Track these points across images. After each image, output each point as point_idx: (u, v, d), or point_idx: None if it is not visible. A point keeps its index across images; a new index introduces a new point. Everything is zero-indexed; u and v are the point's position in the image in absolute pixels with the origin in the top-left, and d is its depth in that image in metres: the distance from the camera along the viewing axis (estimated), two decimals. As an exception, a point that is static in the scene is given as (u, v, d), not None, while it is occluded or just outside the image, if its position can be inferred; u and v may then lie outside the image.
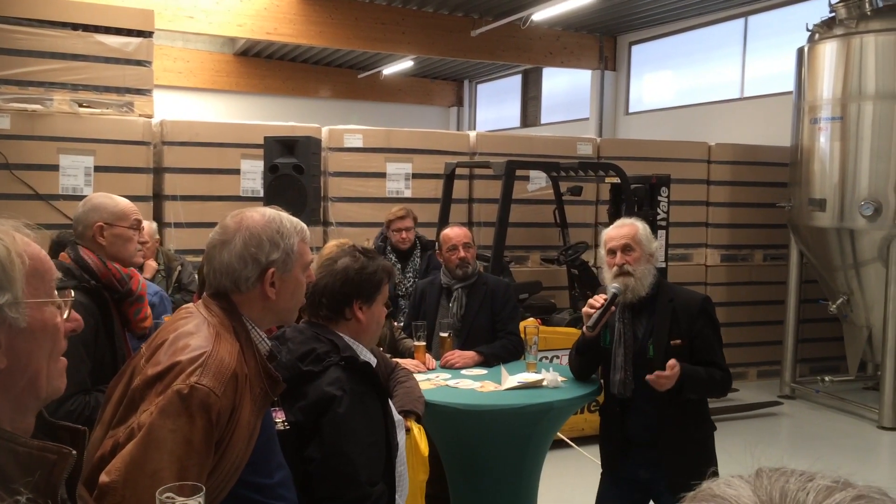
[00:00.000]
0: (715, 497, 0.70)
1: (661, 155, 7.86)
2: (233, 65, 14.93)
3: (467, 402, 3.21)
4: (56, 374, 1.12)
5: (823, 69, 6.99)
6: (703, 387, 3.07)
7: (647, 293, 3.12)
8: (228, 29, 10.13)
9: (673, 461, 3.04)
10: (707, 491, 0.72)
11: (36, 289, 1.08)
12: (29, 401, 1.09)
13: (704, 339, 3.10)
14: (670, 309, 3.10)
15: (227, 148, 6.49)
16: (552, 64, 12.76)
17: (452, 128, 17.14)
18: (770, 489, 0.69)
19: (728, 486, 0.71)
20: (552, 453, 3.78)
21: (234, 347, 1.71)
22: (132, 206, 2.84)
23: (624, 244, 3.13)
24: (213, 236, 1.84)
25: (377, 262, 2.32)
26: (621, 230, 3.18)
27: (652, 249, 3.17)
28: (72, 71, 6.02)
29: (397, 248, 5.38)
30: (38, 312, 1.08)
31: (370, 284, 2.27)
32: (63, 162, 5.94)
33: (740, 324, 8.09)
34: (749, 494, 0.69)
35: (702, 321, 3.12)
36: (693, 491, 0.73)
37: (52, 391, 1.12)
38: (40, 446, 1.05)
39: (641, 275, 3.10)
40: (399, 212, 5.45)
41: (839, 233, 6.89)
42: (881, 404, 6.68)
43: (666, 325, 3.07)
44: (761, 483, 0.70)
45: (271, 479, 1.78)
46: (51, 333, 1.11)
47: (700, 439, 3.14)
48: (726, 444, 3.42)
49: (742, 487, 0.70)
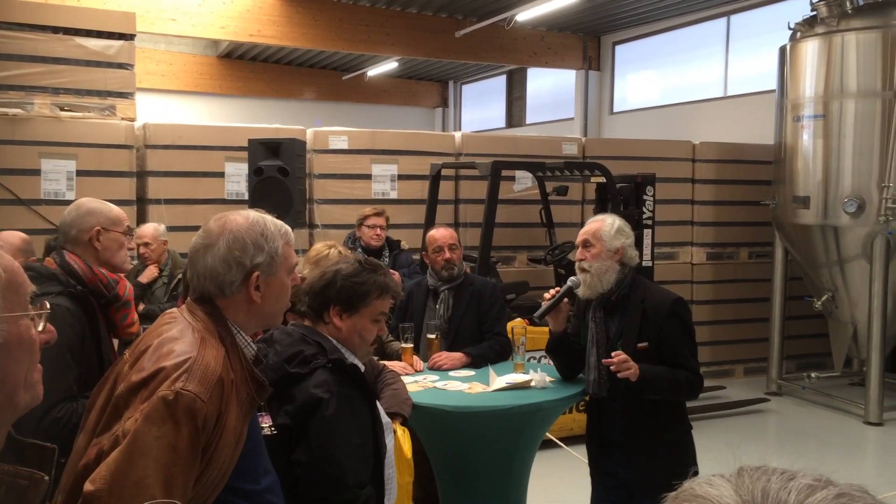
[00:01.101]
0: (697, 497, 0.70)
1: (646, 154, 7.88)
2: (216, 67, 14.85)
3: (455, 404, 3.20)
4: (32, 384, 1.10)
5: (805, 67, 7.03)
6: (665, 387, 3.02)
7: (620, 292, 3.12)
8: (211, 31, 10.07)
9: (643, 461, 3.06)
10: (689, 491, 0.71)
11: (11, 302, 1.05)
12: (6, 414, 1.06)
13: (672, 341, 3.06)
14: (641, 310, 3.09)
15: (210, 151, 6.45)
16: (536, 64, 12.78)
17: (437, 129, 17.14)
18: (752, 488, 0.69)
19: (710, 485, 0.71)
20: (541, 453, 3.77)
21: (220, 352, 1.69)
22: (124, 215, 2.83)
23: (583, 240, 3.17)
24: (196, 240, 1.82)
25: (375, 276, 2.29)
26: (587, 226, 3.23)
27: (616, 246, 3.12)
28: (53, 74, 5.97)
29: (368, 245, 5.40)
30: (14, 327, 1.05)
31: (352, 293, 2.25)
32: (45, 166, 5.89)
33: (726, 321, 8.13)
34: (731, 494, 0.69)
35: (671, 324, 3.06)
36: (673, 491, 0.73)
37: (30, 402, 1.09)
38: (12, 471, 1.02)
39: (598, 271, 3.11)
40: (374, 209, 5.53)
41: (823, 230, 6.93)
42: (867, 400, 6.73)
43: (636, 327, 3.06)
44: (743, 482, 0.70)
45: (258, 484, 1.76)
46: (27, 347, 1.08)
47: (672, 441, 3.12)
48: (713, 442, 3.44)
49: (724, 486, 0.70)
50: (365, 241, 5.41)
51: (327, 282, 2.24)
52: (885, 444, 6.34)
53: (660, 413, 3.09)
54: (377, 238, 5.41)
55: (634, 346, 3.04)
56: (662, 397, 3.05)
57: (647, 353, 3.03)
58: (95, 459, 1.54)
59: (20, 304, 1.08)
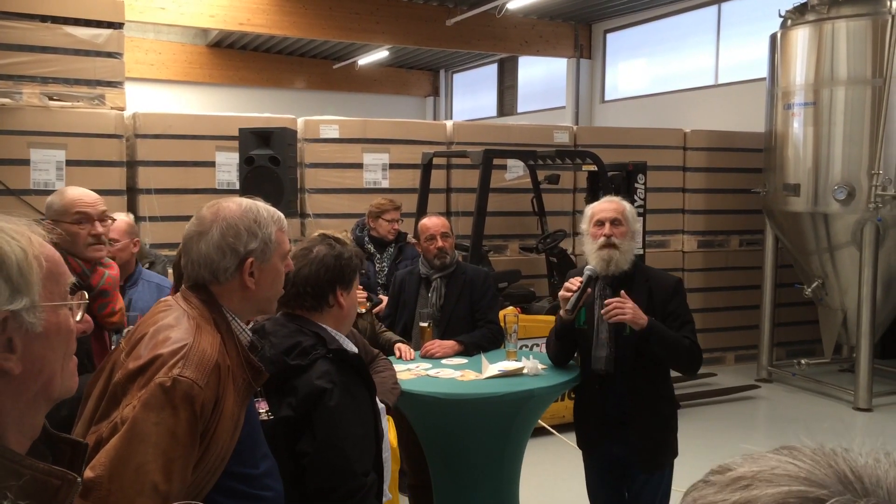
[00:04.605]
0: (784, 476, 0.61)
1: (638, 142, 7.89)
2: (206, 56, 14.77)
3: (448, 392, 3.21)
4: (68, 375, 1.10)
5: (796, 55, 7.04)
6: (671, 344, 3.08)
7: (631, 271, 3.20)
8: (200, 20, 10.02)
9: (641, 438, 3.13)
10: (765, 472, 0.62)
11: (51, 292, 1.06)
12: (41, 403, 1.07)
13: (677, 317, 3.17)
14: (647, 288, 3.18)
15: (201, 140, 6.42)
16: (528, 52, 12.77)
17: (429, 118, 17.10)
18: (836, 466, 0.61)
19: (791, 459, 0.62)
20: (533, 441, 3.79)
21: (216, 339, 1.70)
22: (81, 199, 2.77)
23: (613, 217, 3.20)
24: (189, 228, 1.83)
25: (349, 247, 2.35)
26: (611, 204, 3.28)
27: (636, 228, 3.27)
28: (41, 63, 5.92)
29: (383, 238, 5.34)
30: (54, 316, 1.06)
31: (349, 270, 2.29)
32: (34, 156, 5.85)
33: (717, 309, 8.17)
34: (821, 471, 0.61)
35: (676, 301, 3.20)
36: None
37: (65, 392, 1.10)
38: (46, 470, 1.02)
39: (626, 250, 3.19)
40: (392, 203, 5.38)
41: (813, 217, 6.96)
42: (856, 386, 6.78)
43: (642, 304, 3.11)
44: (818, 460, 0.62)
45: (257, 469, 1.78)
46: (65, 336, 1.09)
47: (666, 416, 3.23)
48: (705, 428, 3.46)
49: (804, 461, 0.62)
50: (381, 234, 5.32)
51: (325, 268, 2.24)
52: (874, 430, 6.39)
53: (659, 390, 3.19)
54: (394, 232, 5.36)
55: None
56: (667, 353, 3.10)
57: None
58: (95, 447, 1.54)
59: (59, 293, 1.08)
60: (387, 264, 5.32)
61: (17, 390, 1.03)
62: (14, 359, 1.01)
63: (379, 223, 5.32)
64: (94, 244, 2.76)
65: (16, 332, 1.01)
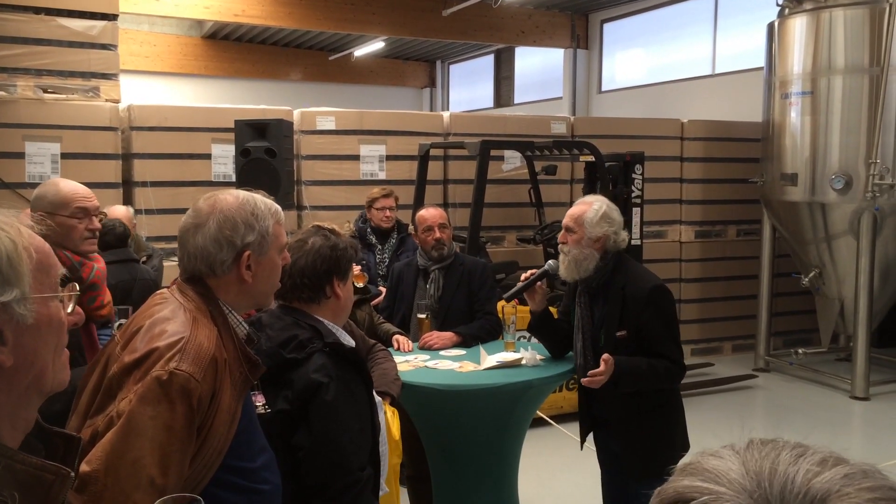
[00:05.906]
0: (704, 471, 0.68)
1: (635, 132, 7.88)
2: (201, 48, 14.70)
3: (447, 383, 3.21)
4: (60, 368, 1.09)
5: (793, 44, 7.03)
6: (641, 379, 2.99)
7: (602, 279, 3.09)
8: (195, 11, 9.97)
9: (632, 439, 3.08)
10: (697, 464, 0.70)
11: (42, 283, 1.05)
12: (33, 396, 1.06)
13: (651, 330, 3.01)
14: (621, 297, 3.04)
15: (197, 132, 6.39)
16: (524, 43, 12.72)
17: (425, 109, 17.06)
18: (760, 464, 0.67)
19: (717, 457, 0.69)
20: (532, 431, 3.79)
21: (212, 332, 1.69)
22: (79, 193, 2.76)
23: (566, 223, 3.12)
24: (185, 220, 1.81)
25: (343, 238, 2.34)
26: (573, 208, 3.18)
27: (597, 235, 3.05)
28: (35, 56, 5.89)
29: (379, 227, 5.36)
30: (45, 308, 1.05)
31: (345, 260, 2.28)
32: (29, 149, 5.82)
33: (715, 299, 8.18)
34: (738, 468, 0.67)
35: (649, 312, 3.00)
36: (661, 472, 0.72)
37: (56, 385, 1.09)
38: (39, 465, 1.01)
39: (575, 258, 3.06)
40: (383, 190, 5.43)
41: (811, 206, 6.96)
42: (853, 375, 6.80)
43: (616, 314, 3.03)
44: (752, 456, 0.68)
45: (254, 462, 1.76)
46: (56, 329, 1.08)
47: (661, 422, 3.11)
48: (703, 418, 3.46)
49: (731, 460, 0.68)
50: (375, 223, 5.37)
51: (321, 260, 2.23)
52: (871, 419, 6.41)
53: (649, 393, 3.08)
54: (387, 220, 5.36)
55: (615, 334, 3.03)
56: (644, 385, 3.01)
57: (628, 341, 3.01)
58: (90, 440, 1.53)
59: (50, 285, 1.07)
60: (388, 255, 5.33)
61: (8, 383, 1.02)
62: (5, 351, 1.00)
63: (372, 213, 5.36)
64: (89, 238, 2.78)
65: (6, 324, 1.00)
